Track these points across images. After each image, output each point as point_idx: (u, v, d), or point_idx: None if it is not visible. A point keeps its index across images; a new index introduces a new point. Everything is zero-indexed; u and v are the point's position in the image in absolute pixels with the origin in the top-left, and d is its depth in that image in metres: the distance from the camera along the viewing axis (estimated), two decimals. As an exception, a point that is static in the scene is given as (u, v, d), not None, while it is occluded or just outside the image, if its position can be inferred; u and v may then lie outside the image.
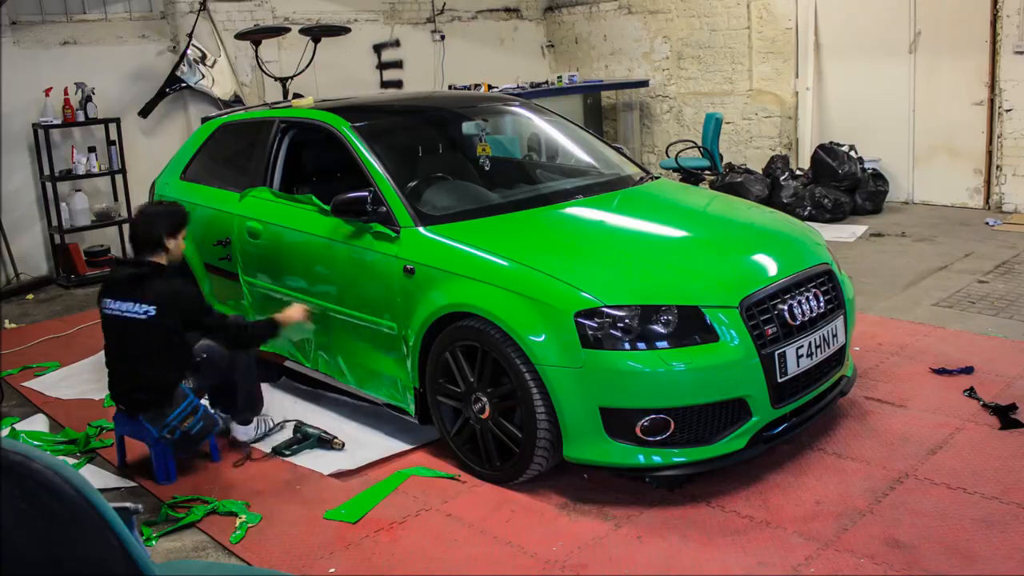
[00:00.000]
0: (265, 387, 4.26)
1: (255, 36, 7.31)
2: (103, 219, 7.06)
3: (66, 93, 6.79)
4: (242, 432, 3.66)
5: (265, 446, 3.66)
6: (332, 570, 2.78)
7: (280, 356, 4.19)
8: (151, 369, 3.31)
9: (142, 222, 3.43)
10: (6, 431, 3.91)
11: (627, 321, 2.93)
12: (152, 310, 3.27)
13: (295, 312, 3.61)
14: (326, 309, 3.83)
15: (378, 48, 8.95)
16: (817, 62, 8.17)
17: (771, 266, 3.29)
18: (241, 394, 3.61)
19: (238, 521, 3.08)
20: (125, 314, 3.31)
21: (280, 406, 4.05)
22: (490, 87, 8.48)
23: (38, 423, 4.08)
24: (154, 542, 3.00)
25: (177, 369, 3.39)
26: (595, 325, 2.92)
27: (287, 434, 3.70)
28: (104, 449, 3.75)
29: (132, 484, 3.45)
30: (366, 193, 3.54)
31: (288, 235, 3.97)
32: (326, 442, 3.60)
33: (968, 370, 3.97)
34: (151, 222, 3.40)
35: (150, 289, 3.29)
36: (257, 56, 7.51)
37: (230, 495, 3.29)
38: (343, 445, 3.59)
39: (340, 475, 3.39)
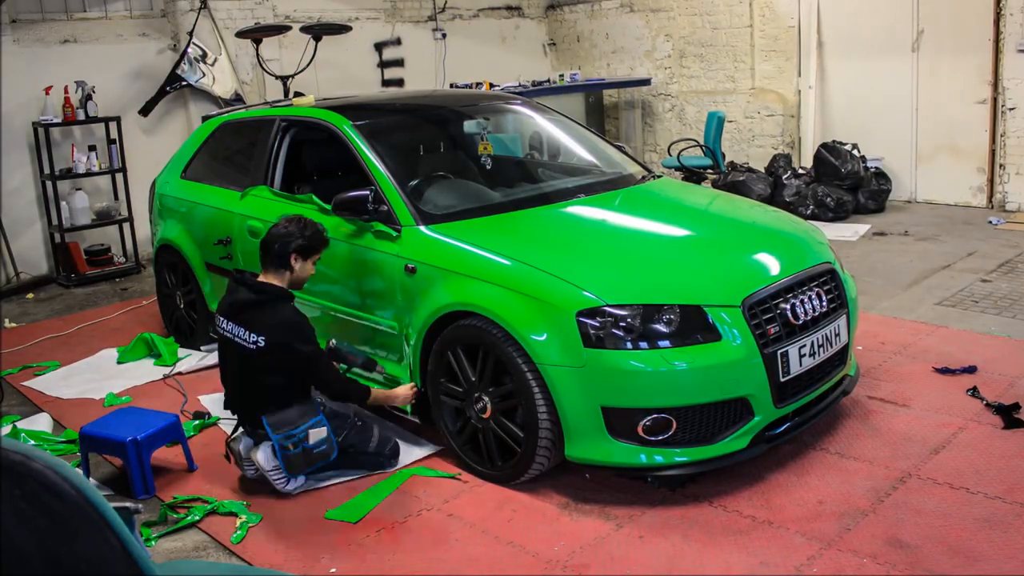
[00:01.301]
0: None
1: (256, 34, 7.30)
2: (103, 218, 7.06)
3: (66, 91, 6.78)
4: (270, 461, 3.21)
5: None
6: (333, 570, 2.77)
7: None
8: (264, 394, 3.16)
9: (280, 235, 3.25)
10: (7, 429, 3.91)
11: (629, 320, 2.92)
12: (262, 340, 3.11)
13: (404, 393, 3.40)
14: (327, 308, 3.83)
15: (379, 46, 8.94)
16: (819, 60, 8.16)
17: (773, 265, 3.28)
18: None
19: (238, 521, 3.07)
20: (236, 339, 3.18)
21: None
22: (491, 85, 8.47)
23: (41, 423, 4.07)
24: (154, 542, 2.99)
25: (289, 400, 3.19)
26: (597, 324, 2.92)
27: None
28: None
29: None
30: (367, 192, 3.54)
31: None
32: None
33: (971, 369, 3.96)
34: (291, 236, 3.24)
35: (265, 318, 3.13)
36: (258, 54, 7.50)
37: (230, 495, 3.28)
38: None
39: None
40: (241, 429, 3.33)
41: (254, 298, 3.19)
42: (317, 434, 3.14)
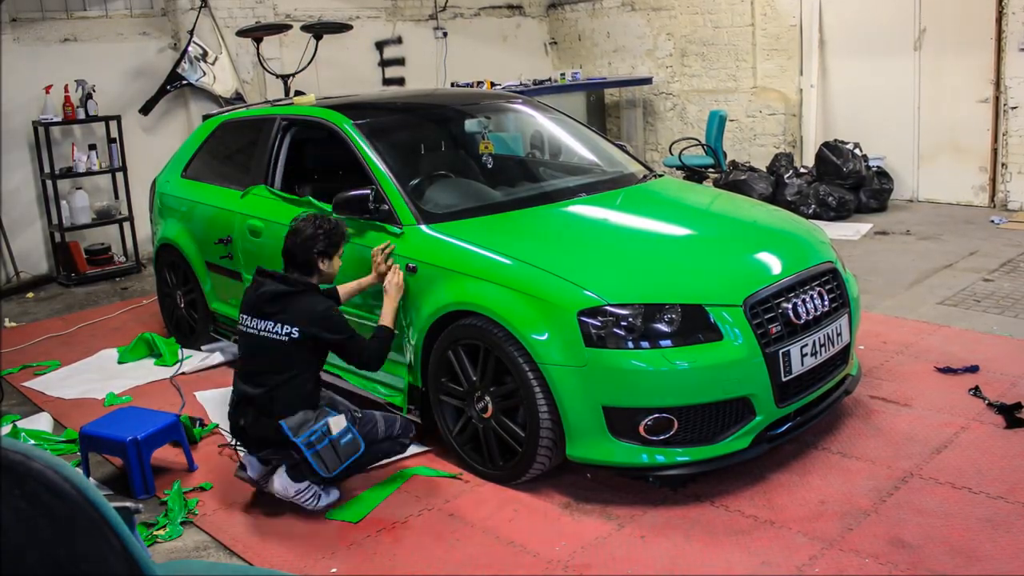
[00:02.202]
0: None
1: (256, 33, 7.30)
2: (103, 217, 7.05)
3: (66, 90, 6.78)
4: (290, 486, 3.10)
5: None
6: (334, 570, 2.77)
7: None
8: (284, 393, 3.05)
9: (300, 240, 3.15)
10: (7, 429, 3.90)
11: (630, 320, 2.91)
12: (296, 331, 3.03)
13: (394, 281, 3.30)
14: None
15: (380, 45, 8.93)
16: (821, 59, 8.14)
17: (775, 264, 3.27)
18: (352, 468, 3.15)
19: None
20: (262, 333, 3.07)
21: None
22: (493, 84, 8.46)
23: (41, 422, 4.06)
24: (173, 530, 3.01)
25: (308, 397, 3.10)
26: (598, 324, 2.91)
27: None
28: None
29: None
30: (368, 191, 3.53)
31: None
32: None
33: (973, 369, 3.95)
34: (309, 241, 3.13)
35: (295, 310, 3.05)
36: (258, 53, 7.49)
37: (231, 494, 3.28)
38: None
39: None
40: (243, 454, 3.23)
41: (284, 289, 3.10)
42: (337, 423, 3.02)
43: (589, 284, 2.99)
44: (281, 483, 3.08)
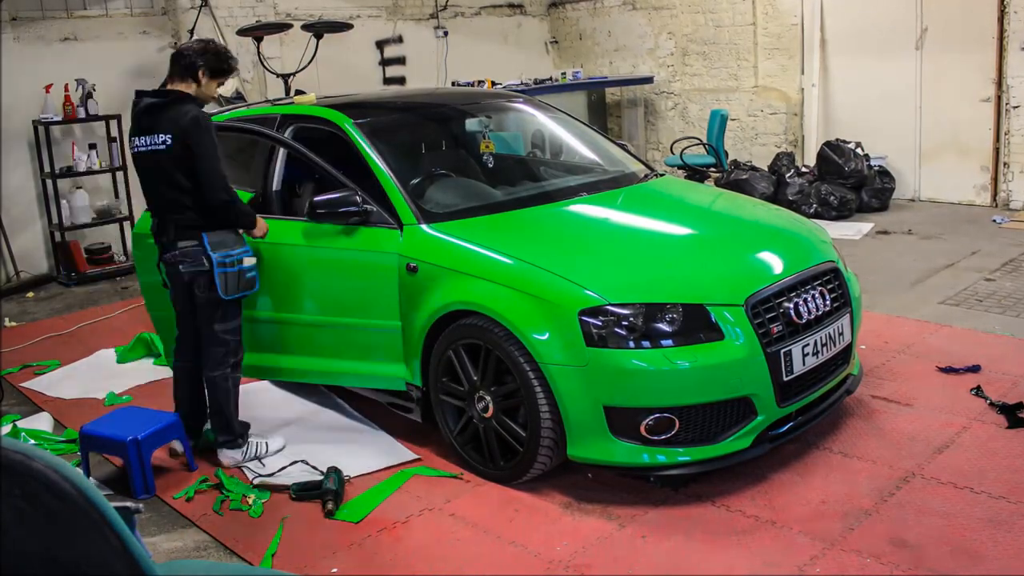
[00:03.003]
0: (265, 386, 4.26)
1: (257, 32, 7.30)
2: (104, 216, 7.05)
3: (67, 89, 6.78)
4: (228, 457, 3.44)
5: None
6: (335, 570, 2.76)
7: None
8: (187, 210, 3.24)
9: (192, 48, 3.33)
10: (7, 429, 3.90)
11: (631, 319, 2.91)
12: (168, 138, 3.18)
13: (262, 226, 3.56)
14: (320, 322, 3.75)
15: (380, 44, 8.93)
16: (823, 58, 8.13)
17: (776, 264, 3.26)
18: (219, 421, 3.44)
19: (251, 498, 3.19)
20: (148, 149, 3.22)
21: (289, 407, 4.02)
22: (493, 83, 8.45)
23: (41, 422, 4.06)
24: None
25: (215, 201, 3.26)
26: (599, 323, 2.90)
27: (280, 462, 3.45)
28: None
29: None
30: (348, 193, 3.47)
31: (288, 235, 3.89)
32: (333, 492, 3.14)
33: (975, 368, 3.94)
34: (199, 53, 3.30)
35: (166, 117, 3.20)
36: (259, 52, 7.49)
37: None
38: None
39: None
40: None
41: (158, 101, 3.27)
42: (250, 260, 3.38)
43: (590, 284, 2.98)
44: (226, 457, 3.44)
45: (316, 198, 3.49)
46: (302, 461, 3.42)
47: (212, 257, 3.28)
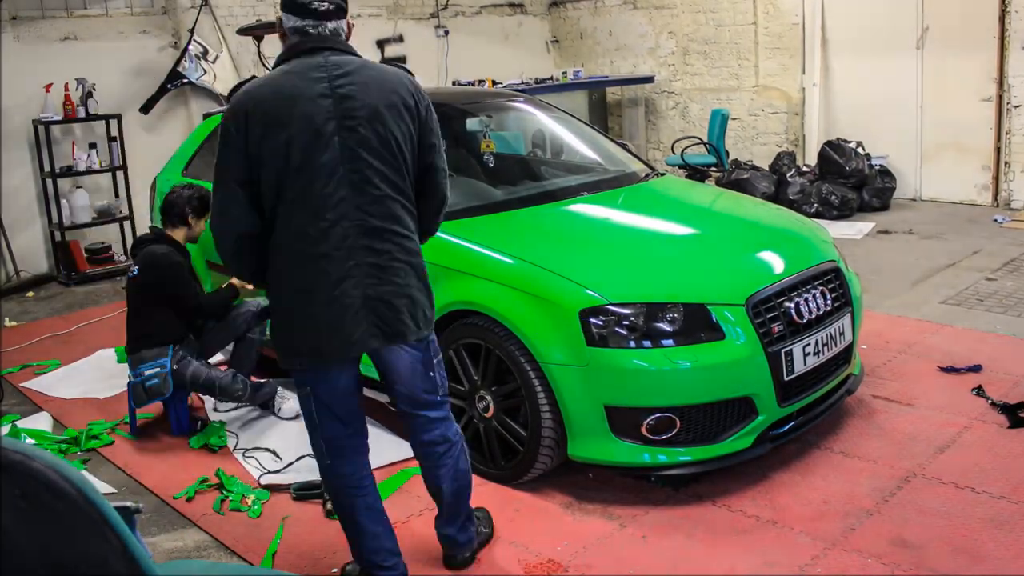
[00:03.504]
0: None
1: (257, 31, 7.29)
2: (104, 216, 7.04)
3: (67, 89, 6.77)
4: (288, 410, 3.86)
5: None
6: (335, 570, 2.76)
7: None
8: (139, 322, 3.75)
9: (176, 197, 3.85)
10: (7, 429, 3.90)
11: (632, 319, 2.90)
12: (135, 270, 3.73)
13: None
14: None
15: (381, 43, 8.91)
16: (824, 58, 8.13)
17: (777, 264, 3.26)
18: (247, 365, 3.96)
19: (251, 499, 3.17)
20: (130, 272, 3.81)
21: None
22: (494, 83, 8.45)
23: (42, 421, 4.06)
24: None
25: (159, 331, 3.73)
26: (600, 323, 2.90)
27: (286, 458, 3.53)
28: (104, 448, 3.73)
29: (134, 483, 3.43)
30: None
31: None
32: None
33: (976, 368, 3.94)
34: (184, 199, 3.83)
35: (143, 252, 3.74)
36: (259, 52, 7.49)
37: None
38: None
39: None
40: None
41: (144, 236, 3.89)
42: (154, 372, 3.68)
43: (591, 283, 2.98)
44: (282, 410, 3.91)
45: None
46: (309, 455, 3.40)
47: (129, 374, 3.74)
